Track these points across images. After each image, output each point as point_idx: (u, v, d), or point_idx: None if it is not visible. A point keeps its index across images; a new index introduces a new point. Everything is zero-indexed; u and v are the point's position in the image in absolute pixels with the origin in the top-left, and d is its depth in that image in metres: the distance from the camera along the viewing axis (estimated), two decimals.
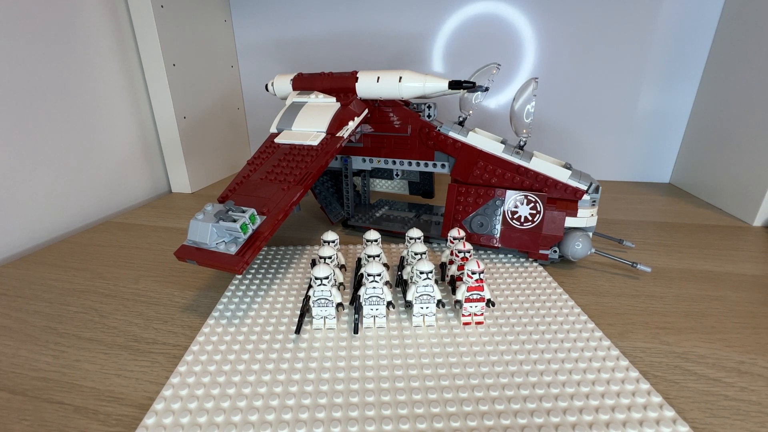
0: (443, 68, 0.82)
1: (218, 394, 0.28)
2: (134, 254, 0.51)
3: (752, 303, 0.39)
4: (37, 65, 0.55)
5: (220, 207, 0.36)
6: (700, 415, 0.27)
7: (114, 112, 0.67)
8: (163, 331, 0.35)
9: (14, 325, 0.37)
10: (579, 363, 0.30)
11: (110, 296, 0.41)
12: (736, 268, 0.46)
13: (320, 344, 0.33)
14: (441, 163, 0.50)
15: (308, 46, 0.85)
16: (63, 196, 0.59)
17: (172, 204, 0.71)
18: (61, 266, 0.48)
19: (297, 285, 0.42)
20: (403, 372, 0.29)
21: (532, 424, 0.25)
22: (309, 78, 0.52)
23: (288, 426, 0.25)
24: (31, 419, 0.27)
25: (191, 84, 0.75)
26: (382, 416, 0.26)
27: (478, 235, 0.46)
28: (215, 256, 0.34)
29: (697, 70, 0.73)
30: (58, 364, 0.32)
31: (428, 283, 0.34)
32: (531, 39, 0.77)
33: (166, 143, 0.74)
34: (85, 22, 0.61)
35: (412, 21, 0.80)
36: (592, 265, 0.47)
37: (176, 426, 0.25)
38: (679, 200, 0.71)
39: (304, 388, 0.28)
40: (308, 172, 0.41)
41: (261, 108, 0.93)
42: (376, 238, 0.41)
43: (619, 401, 0.27)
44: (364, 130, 0.52)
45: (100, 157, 0.65)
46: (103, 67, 0.64)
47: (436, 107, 0.51)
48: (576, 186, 0.43)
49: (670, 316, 0.37)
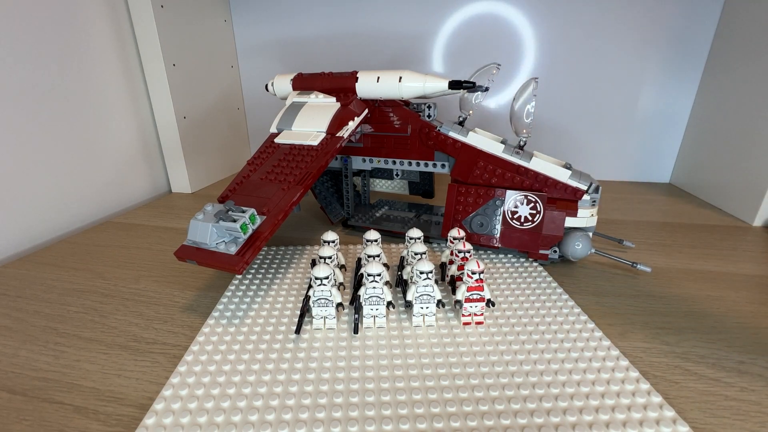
0: (443, 68, 0.82)
1: (218, 394, 0.28)
2: (134, 254, 0.51)
3: (752, 303, 0.39)
4: (37, 65, 0.55)
5: (220, 207, 0.36)
6: (700, 415, 0.27)
7: (114, 112, 0.67)
8: (163, 331, 0.35)
9: (14, 325, 0.37)
10: (579, 363, 0.30)
11: (110, 296, 0.41)
12: (736, 268, 0.46)
13: (320, 344, 0.33)
14: (441, 163, 0.50)
15: (308, 46, 0.85)
16: (63, 196, 0.59)
17: (172, 204, 0.71)
18: (61, 266, 0.48)
19: (297, 285, 0.42)
20: (403, 372, 0.29)
21: (532, 424, 0.25)
22: (309, 78, 0.52)
23: (288, 426, 0.25)
24: (31, 419, 0.27)
25: (191, 84, 0.75)
26: (382, 416, 0.26)
27: (478, 235, 0.46)
28: (215, 256, 0.34)
29: (697, 70, 0.73)
30: (58, 364, 0.32)
31: (428, 283, 0.34)
32: (531, 39, 0.77)
33: (166, 143, 0.74)
34: (84, 22, 0.61)
35: (412, 21, 0.80)
36: (592, 265, 0.47)
37: (176, 426, 0.25)
38: (679, 200, 0.71)
39: (304, 388, 0.28)
40: (308, 172, 0.41)
41: (261, 108, 0.93)
42: (376, 238, 0.41)
43: (619, 401, 0.27)
44: (364, 130, 0.52)
45: (100, 157, 0.65)
46: (103, 67, 0.64)
47: (436, 107, 0.51)
48: (576, 186, 0.43)
49: (670, 316, 0.37)
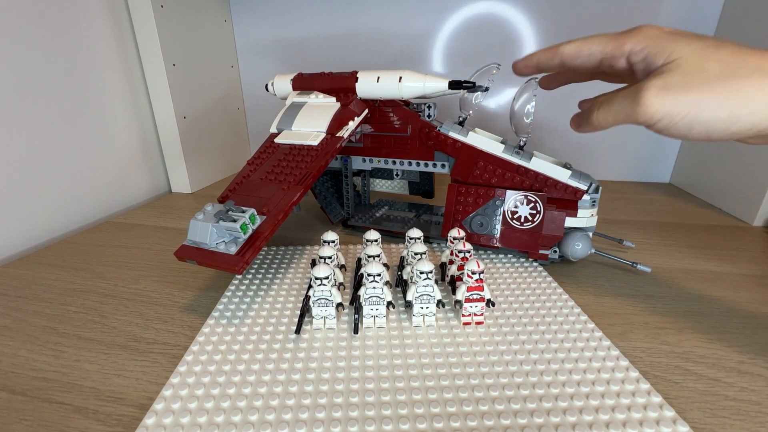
0: (443, 68, 0.82)
1: (218, 394, 0.28)
2: (134, 254, 0.51)
3: (752, 303, 0.39)
4: (37, 65, 0.55)
5: (220, 207, 0.36)
6: (700, 415, 0.27)
7: (114, 112, 0.67)
8: (163, 331, 0.35)
9: (14, 325, 0.37)
10: (579, 363, 0.30)
11: (110, 296, 0.41)
12: (736, 268, 0.46)
13: (320, 344, 0.33)
14: (441, 163, 0.50)
15: (308, 46, 0.85)
16: (63, 196, 0.59)
17: (172, 204, 0.71)
18: (61, 266, 0.48)
19: (297, 285, 0.42)
20: (403, 372, 0.29)
21: (532, 424, 0.25)
22: (309, 78, 0.52)
23: (288, 426, 0.25)
24: (31, 419, 0.27)
25: (191, 84, 0.75)
26: (382, 416, 0.26)
27: (478, 235, 0.46)
28: (215, 256, 0.34)
29: None
30: (58, 364, 0.32)
31: (428, 283, 0.34)
32: (531, 39, 0.77)
33: (166, 143, 0.74)
34: (84, 22, 0.61)
35: (412, 21, 0.80)
36: (592, 265, 0.47)
37: (176, 426, 0.25)
38: (679, 200, 0.71)
39: (304, 388, 0.28)
40: (308, 172, 0.41)
41: (261, 108, 0.93)
42: (376, 238, 0.41)
43: (619, 401, 0.27)
44: (364, 130, 0.52)
45: (100, 157, 0.65)
46: (103, 67, 0.64)
47: (436, 107, 0.51)
48: (576, 186, 0.43)
49: (670, 316, 0.37)
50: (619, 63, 0.31)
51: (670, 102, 0.27)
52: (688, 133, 0.27)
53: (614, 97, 0.30)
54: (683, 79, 0.26)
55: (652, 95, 0.27)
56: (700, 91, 0.26)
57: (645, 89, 0.27)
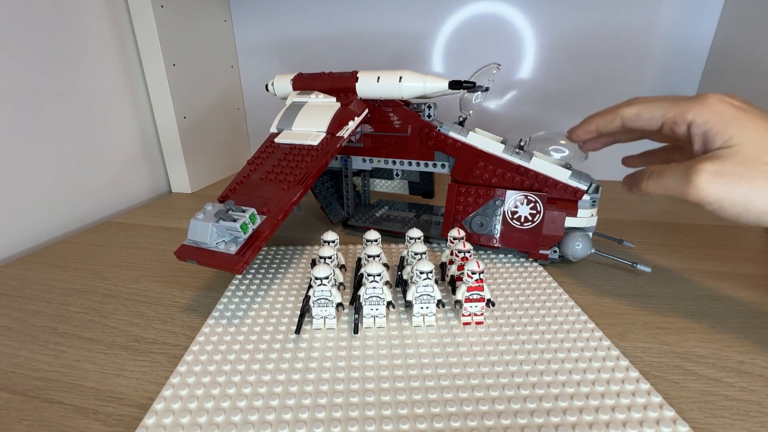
0: (443, 68, 0.82)
1: (218, 394, 0.28)
2: (134, 254, 0.51)
3: (752, 303, 0.39)
4: (37, 65, 0.55)
5: (220, 207, 0.36)
6: (700, 415, 0.26)
7: (114, 112, 0.67)
8: (163, 331, 0.35)
9: (14, 325, 0.37)
10: (579, 363, 0.30)
11: (110, 296, 0.41)
12: (736, 268, 0.46)
13: (320, 344, 0.33)
14: (441, 163, 0.50)
15: (308, 46, 0.85)
16: (63, 196, 0.59)
17: (172, 204, 0.71)
18: (61, 266, 0.48)
19: (297, 285, 0.42)
20: (403, 372, 0.29)
21: (532, 424, 0.25)
22: (309, 78, 0.52)
23: (288, 426, 0.25)
24: (31, 419, 0.27)
25: (191, 84, 0.75)
26: (382, 416, 0.26)
27: (478, 235, 0.46)
28: (215, 255, 0.34)
29: (697, 70, 0.73)
30: (58, 364, 0.32)
31: (428, 283, 0.34)
32: (531, 39, 0.77)
33: (166, 143, 0.74)
34: (84, 22, 0.61)
35: (412, 21, 0.80)
36: (592, 265, 0.47)
37: (176, 426, 0.25)
38: (679, 200, 0.71)
39: (304, 388, 0.28)
40: (308, 172, 0.41)
41: (261, 108, 0.93)
42: (376, 238, 0.41)
43: (619, 401, 0.27)
44: (364, 130, 0.52)
45: (100, 157, 0.65)
46: (103, 67, 0.64)
47: (436, 107, 0.51)
48: (576, 186, 0.43)
49: (670, 316, 0.37)
50: (680, 129, 0.31)
51: (723, 190, 0.27)
52: (738, 218, 0.28)
53: (666, 170, 0.30)
54: (738, 169, 0.26)
55: (705, 179, 0.27)
56: (753, 184, 0.26)
57: (698, 171, 0.27)
